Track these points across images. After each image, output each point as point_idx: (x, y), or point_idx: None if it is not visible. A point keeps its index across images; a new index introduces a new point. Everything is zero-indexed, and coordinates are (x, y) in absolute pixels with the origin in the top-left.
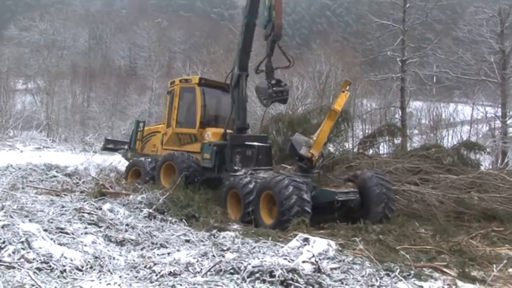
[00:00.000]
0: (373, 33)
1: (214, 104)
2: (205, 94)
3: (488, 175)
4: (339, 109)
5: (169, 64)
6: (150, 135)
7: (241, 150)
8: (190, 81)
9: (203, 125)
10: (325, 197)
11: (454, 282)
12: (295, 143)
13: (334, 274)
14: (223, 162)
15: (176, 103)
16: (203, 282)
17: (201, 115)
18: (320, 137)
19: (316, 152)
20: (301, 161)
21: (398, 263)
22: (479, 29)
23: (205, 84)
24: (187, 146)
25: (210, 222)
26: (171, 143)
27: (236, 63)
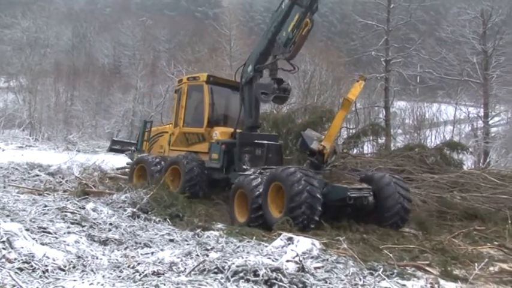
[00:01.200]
0: (357, 33)
1: (222, 103)
2: (213, 92)
3: (470, 175)
4: (353, 98)
5: (153, 63)
6: (158, 136)
7: (250, 149)
8: (198, 78)
9: (211, 124)
10: (337, 193)
11: (437, 280)
12: (306, 137)
13: (318, 273)
14: (231, 162)
15: (184, 102)
16: (187, 282)
17: (208, 114)
18: (332, 129)
19: (328, 144)
20: (313, 156)
21: (382, 262)
22: (462, 29)
23: (214, 82)
24: (194, 146)
25: (194, 221)
26: (178, 143)
27: (252, 63)
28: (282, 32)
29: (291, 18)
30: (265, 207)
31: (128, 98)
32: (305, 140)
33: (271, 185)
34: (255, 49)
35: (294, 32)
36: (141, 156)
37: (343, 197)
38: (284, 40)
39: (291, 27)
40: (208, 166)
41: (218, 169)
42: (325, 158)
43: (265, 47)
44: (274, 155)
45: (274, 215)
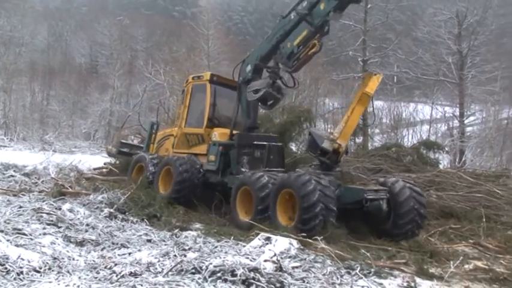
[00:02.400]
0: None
1: (225, 104)
2: (216, 92)
3: (446, 174)
4: (371, 92)
5: (131, 62)
6: (164, 139)
7: (249, 151)
8: (202, 77)
9: (211, 125)
10: (352, 196)
11: (413, 279)
12: (316, 136)
13: (295, 273)
14: (228, 165)
15: (187, 102)
16: (164, 282)
17: (209, 114)
18: (349, 125)
19: (344, 142)
20: (324, 156)
21: (359, 261)
22: (437, 30)
23: (217, 81)
24: (195, 147)
25: (172, 221)
26: (180, 145)
27: (252, 63)
28: (286, 42)
29: (298, 32)
30: (274, 215)
31: (105, 97)
32: (315, 139)
33: (281, 191)
34: (257, 50)
35: (299, 48)
36: (140, 154)
37: (359, 199)
38: (288, 52)
39: (297, 42)
40: (206, 169)
41: (214, 172)
42: (340, 157)
43: (267, 51)
44: (275, 156)
45: (283, 223)
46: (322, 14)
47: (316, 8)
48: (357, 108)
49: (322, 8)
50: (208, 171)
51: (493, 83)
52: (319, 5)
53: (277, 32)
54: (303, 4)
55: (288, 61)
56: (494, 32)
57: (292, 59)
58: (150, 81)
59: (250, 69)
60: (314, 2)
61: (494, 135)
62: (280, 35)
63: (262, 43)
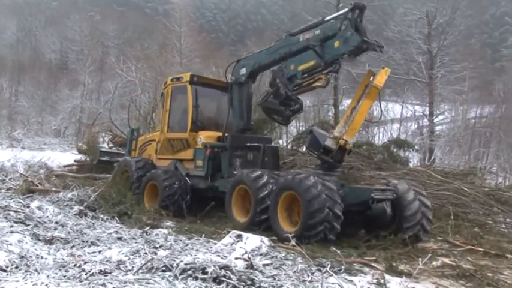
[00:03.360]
0: None
1: (208, 105)
2: (198, 93)
3: (416, 172)
4: (380, 85)
5: (102, 59)
6: (146, 145)
7: (241, 153)
8: (181, 79)
9: (195, 128)
10: (357, 196)
11: (382, 276)
12: (318, 134)
13: (266, 270)
14: (217, 169)
15: (168, 105)
16: (134, 280)
17: (192, 117)
18: (356, 120)
19: (351, 138)
20: (327, 155)
21: (330, 258)
22: (408, 30)
23: (199, 82)
24: (180, 153)
25: (142, 219)
26: (164, 151)
27: (248, 68)
28: (290, 62)
29: (304, 58)
30: (274, 218)
31: (75, 94)
32: (317, 137)
33: (283, 193)
34: (255, 56)
35: (303, 75)
36: (125, 159)
37: (365, 200)
38: (289, 74)
39: (302, 68)
40: (193, 175)
41: (203, 177)
42: (345, 154)
43: (266, 63)
44: (270, 158)
45: (284, 227)
46: (334, 52)
47: (329, 43)
48: (365, 102)
49: (336, 46)
50: (196, 177)
51: (461, 82)
52: (334, 42)
53: (282, 49)
54: (316, 32)
55: (289, 83)
56: (462, 33)
57: (293, 82)
58: (122, 78)
59: (244, 72)
60: (328, 36)
61: (462, 134)
62: (284, 53)
63: (262, 52)
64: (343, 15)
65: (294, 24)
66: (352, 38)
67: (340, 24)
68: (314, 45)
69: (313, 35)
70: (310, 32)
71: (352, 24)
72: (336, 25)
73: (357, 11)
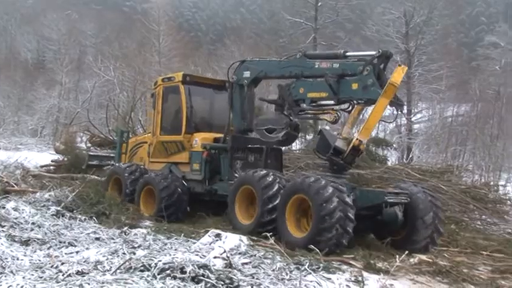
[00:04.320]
0: (286, 30)
1: (203, 105)
2: (191, 93)
3: (394, 170)
4: (398, 82)
5: (80, 58)
6: (137, 147)
7: (242, 155)
8: (173, 79)
9: (190, 130)
10: (369, 199)
11: (361, 273)
12: (328, 135)
13: (245, 269)
14: (216, 172)
15: (159, 107)
16: (112, 281)
17: (187, 119)
18: (371, 119)
19: (365, 138)
20: (337, 156)
21: (308, 256)
22: (386, 29)
23: (192, 81)
24: (174, 156)
25: (121, 219)
26: (157, 154)
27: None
28: (300, 85)
29: (317, 87)
30: (282, 224)
31: (52, 93)
32: (327, 138)
33: (292, 197)
34: (263, 63)
35: (311, 103)
36: (115, 166)
37: (379, 203)
38: (297, 97)
39: (312, 96)
40: (189, 178)
41: (200, 181)
42: (358, 155)
43: (274, 76)
44: (273, 160)
45: (292, 233)
46: (351, 94)
47: (347, 81)
48: (381, 101)
49: (353, 88)
50: (192, 181)
51: (438, 81)
52: (352, 83)
53: (293, 68)
54: (334, 65)
55: (294, 105)
56: (439, 32)
57: (299, 106)
58: (100, 77)
59: (248, 76)
60: (346, 74)
61: (439, 133)
62: (295, 73)
63: (272, 62)
64: (367, 61)
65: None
66: (373, 90)
67: (363, 68)
68: (330, 79)
69: (331, 66)
70: (328, 62)
71: (376, 71)
72: (358, 67)
73: (383, 59)
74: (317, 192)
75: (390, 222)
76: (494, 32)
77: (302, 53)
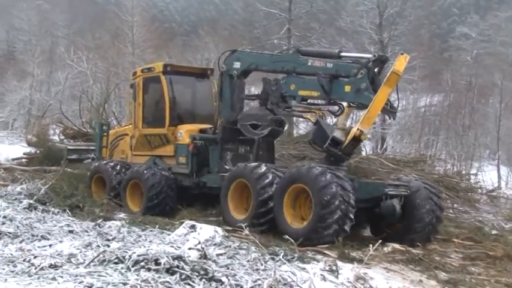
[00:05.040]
0: (260, 21)
1: (186, 96)
2: (173, 84)
3: (368, 160)
4: (400, 72)
5: (51, 49)
6: (118, 139)
7: (232, 147)
8: (153, 69)
9: (174, 123)
10: (369, 191)
11: (335, 263)
12: (325, 125)
13: (220, 260)
14: (203, 165)
15: (140, 98)
16: (86, 273)
17: (170, 110)
18: (373, 108)
19: (367, 128)
20: (335, 147)
21: (283, 247)
22: (360, 20)
23: (173, 71)
24: (158, 149)
25: (95, 211)
26: (140, 148)
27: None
28: (291, 81)
29: (308, 85)
30: (280, 215)
31: (24, 85)
32: (324, 129)
33: (289, 187)
34: (254, 55)
35: (300, 100)
36: (98, 164)
37: (378, 196)
38: (287, 93)
39: (303, 94)
40: (176, 172)
41: (187, 175)
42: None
43: (265, 69)
44: (265, 152)
45: (293, 224)
46: (342, 96)
47: (339, 83)
48: (384, 89)
49: (345, 90)
50: (179, 174)
51: (411, 72)
52: (345, 84)
53: (285, 63)
54: (328, 65)
55: (281, 100)
56: (412, 23)
57: (286, 103)
58: (73, 68)
59: (238, 67)
60: (340, 75)
61: (413, 123)
62: (287, 69)
63: (264, 55)
64: (362, 64)
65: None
66: (365, 94)
67: (357, 71)
68: (322, 79)
69: (324, 66)
70: (321, 61)
71: (370, 75)
72: (352, 70)
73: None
74: (315, 179)
75: (388, 215)
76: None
77: (295, 49)
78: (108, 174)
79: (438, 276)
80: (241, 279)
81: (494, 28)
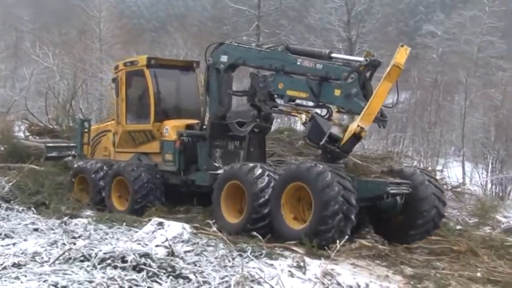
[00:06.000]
0: (229, 18)
1: (172, 90)
2: (157, 77)
3: None
4: (402, 64)
5: (16, 44)
6: (100, 136)
7: (222, 143)
8: (136, 63)
9: (159, 118)
10: (370, 190)
11: (303, 259)
12: (321, 121)
13: (187, 257)
14: (191, 162)
15: (123, 93)
16: (50, 272)
17: (155, 105)
18: (373, 104)
19: (367, 124)
20: (333, 144)
21: (251, 243)
22: (328, 17)
23: (157, 64)
24: (143, 146)
25: (61, 209)
26: (124, 144)
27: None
28: (279, 79)
29: (297, 86)
30: (278, 216)
31: None
32: (320, 125)
33: (287, 186)
34: (242, 50)
35: (288, 100)
36: (79, 164)
37: (379, 194)
38: (274, 92)
39: (291, 94)
40: (162, 169)
41: (174, 173)
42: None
43: (253, 65)
44: (256, 149)
45: (290, 225)
46: (331, 99)
47: (329, 85)
48: (384, 84)
49: (334, 94)
50: (166, 172)
51: (379, 69)
52: (334, 88)
53: (273, 61)
54: (317, 66)
55: (268, 98)
56: (380, 21)
57: (273, 101)
58: (38, 64)
59: (225, 61)
60: (329, 78)
61: None
62: (275, 67)
63: (252, 50)
64: (353, 68)
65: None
66: (355, 101)
67: (348, 75)
68: (311, 81)
69: (313, 66)
70: (311, 61)
71: (361, 80)
72: (343, 73)
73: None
74: (316, 178)
75: (389, 211)
76: (432, 22)
77: (284, 46)
78: (91, 175)
79: (404, 272)
80: (208, 276)
81: (459, 27)
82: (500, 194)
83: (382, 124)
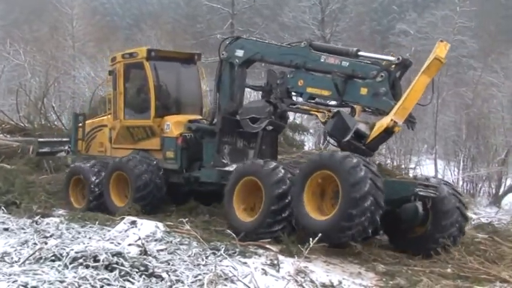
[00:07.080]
0: (203, 16)
1: (172, 83)
2: (158, 71)
3: (310, 154)
4: (443, 58)
5: None
6: (95, 131)
7: (231, 140)
8: (136, 55)
9: (160, 113)
10: (396, 191)
11: (276, 257)
12: (346, 117)
13: (160, 255)
14: (194, 159)
15: (121, 87)
16: (20, 272)
17: (156, 100)
18: (410, 98)
19: (401, 119)
20: (359, 141)
21: (225, 242)
22: (302, 15)
23: (157, 57)
24: (142, 142)
25: (32, 208)
26: (121, 140)
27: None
28: (299, 75)
29: (319, 83)
30: (299, 203)
31: None
32: (345, 120)
33: (313, 174)
34: (260, 45)
35: (308, 98)
36: (75, 165)
37: (407, 196)
38: (293, 89)
39: (312, 91)
40: (163, 167)
41: (176, 171)
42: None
43: (272, 61)
44: (268, 147)
45: (312, 215)
46: (357, 99)
47: (355, 84)
48: (423, 78)
49: (361, 93)
50: (167, 170)
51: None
52: (361, 86)
53: (295, 57)
54: (343, 63)
55: (286, 96)
56: (354, 19)
57: (291, 99)
58: (9, 61)
59: (241, 56)
60: (356, 76)
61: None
62: (296, 63)
63: (272, 46)
64: (383, 66)
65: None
66: (384, 100)
67: (377, 73)
68: (338, 78)
69: (339, 64)
70: (337, 58)
71: (391, 80)
72: (371, 71)
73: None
74: (348, 172)
75: (408, 218)
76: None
77: (308, 42)
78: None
79: (376, 268)
80: (181, 274)
81: (431, 26)
82: (471, 191)
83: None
